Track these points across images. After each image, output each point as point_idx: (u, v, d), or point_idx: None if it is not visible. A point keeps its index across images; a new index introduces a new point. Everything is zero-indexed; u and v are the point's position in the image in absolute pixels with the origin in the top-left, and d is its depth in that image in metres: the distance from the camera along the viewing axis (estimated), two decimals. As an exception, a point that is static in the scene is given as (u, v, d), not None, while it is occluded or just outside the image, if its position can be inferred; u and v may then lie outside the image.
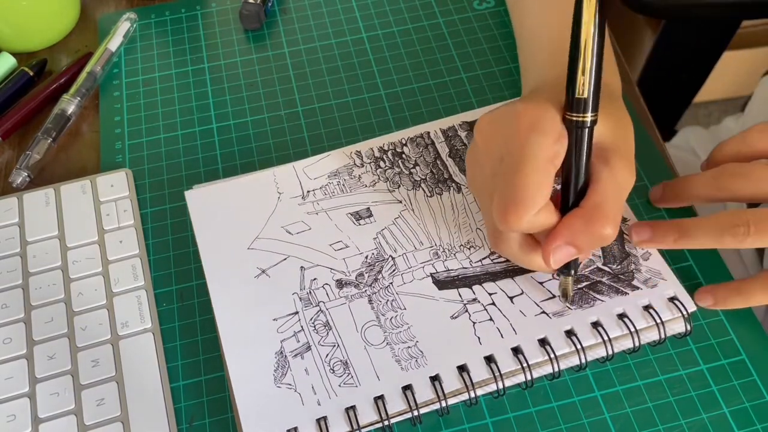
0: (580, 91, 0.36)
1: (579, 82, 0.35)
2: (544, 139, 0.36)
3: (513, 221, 0.36)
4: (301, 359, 0.41)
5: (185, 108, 0.55)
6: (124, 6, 0.63)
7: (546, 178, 0.36)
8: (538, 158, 0.36)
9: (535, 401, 0.41)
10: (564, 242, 0.37)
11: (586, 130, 0.36)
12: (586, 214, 0.37)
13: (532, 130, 0.36)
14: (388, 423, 0.39)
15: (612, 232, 0.37)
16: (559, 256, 0.38)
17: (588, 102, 0.36)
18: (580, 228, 0.37)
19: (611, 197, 0.37)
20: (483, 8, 0.61)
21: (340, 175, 0.49)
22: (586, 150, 0.37)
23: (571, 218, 0.37)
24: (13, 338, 0.43)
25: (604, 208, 0.36)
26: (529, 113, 0.37)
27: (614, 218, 0.37)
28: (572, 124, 0.36)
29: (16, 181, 0.51)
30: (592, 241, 0.37)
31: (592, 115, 0.36)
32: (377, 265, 0.44)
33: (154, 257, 0.47)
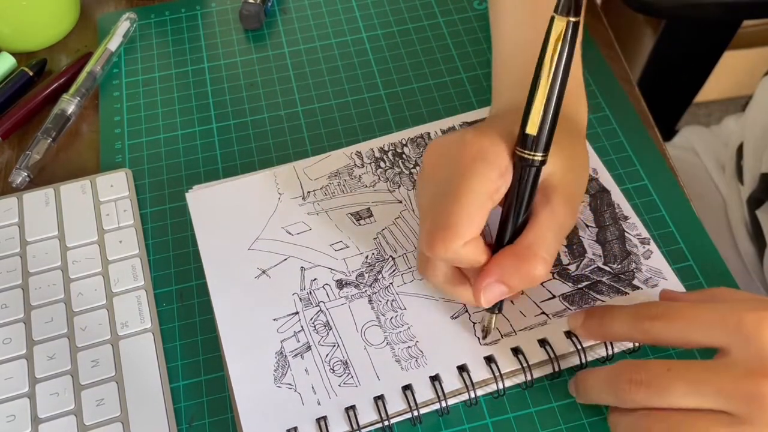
0: (531, 129, 0.34)
1: (533, 119, 0.34)
2: (488, 172, 0.35)
3: (439, 249, 0.35)
4: (301, 359, 0.41)
5: (185, 108, 0.55)
6: (124, 6, 0.63)
7: (480, 211, 0.35)
8: (477, 190, 0.35)
9: (535, 401, 0.41)
10: (495, 280, 0.36)
11: (533, 169, 0.35)
12: (518, 252, 0.36)
13: (477, 160, 0.35)
14: (388, 423, 0.39)
15: (542, 272, 0.35)
16: (490, 295, 0.36)
17: (540, 141, 0.34)
18: (510, 267, 0.36)
19: (547, 237, 0.36)
20: (483, 8, 0.61)
21: (341, 175, 0.49)
22: (530, 188, 0.36)
23: (502, 256, 0.36)
24: (13, 338, 0.43)
25: (537, 248, 0.35)
26: (477, 143, 0.36)
27: (546, 259, 0.35)
28: (520, 160, 0.35)
29: (16, 181, 0.51)
30: (522, 280, 0.36)
31: (542, 155, 0.35)
32: (377, 265, 0.44)
33: (154, 257, 0.47)
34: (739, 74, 1.29)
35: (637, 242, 0.44)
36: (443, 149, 0.38)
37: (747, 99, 0.69)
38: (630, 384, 0.35)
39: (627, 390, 0.35)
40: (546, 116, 0.34)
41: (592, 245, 0.44)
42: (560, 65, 0.33)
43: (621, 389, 0.35)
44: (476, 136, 0.36)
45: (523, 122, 0.35)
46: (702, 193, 0.68)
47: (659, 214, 0.47)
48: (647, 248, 0.44)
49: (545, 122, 0.34)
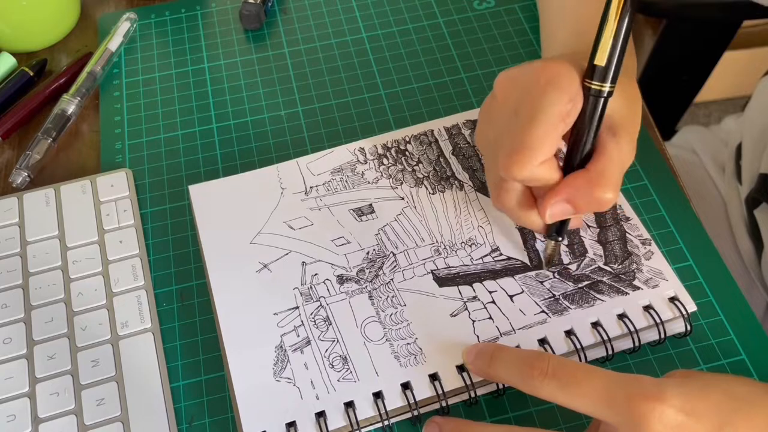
0: (601, 60, 0.36)
1: (602, 50, 0.36)
2: (560, 95, 0.37)
3: (516, 168, 0.37)
4: (301, 354, 0.41)
5: (185, 108, 0.55)
6: (124, 6, 0.63)
7: (554, 132, 0.37)
8: (551, 112, 0.36)
9: (535, 401, 0.41)
10: (564, 198, 0.38)
11: (601, 99, 0.37)
12: (590, 176, 0.38)
13: (549, 84, 0.37)
14: (388, 423, 0.39)
15: (612, 197, 0.37)
16: (556, 210, 0.39)
17: (608, 72, 0.36)
18: (582, 188, 0.38)
19: (615, 167, 0.37)
20: (483, 8, 0.61)
21: (344, 171, 0.49)
22: (597, 119, 0.37)
23: (575, 178, 0.38)
24: (13, 338, 0.43)
25: (608, 173, 0.37)
26: (549, 70, 0.37)
27: (616, 185, 0.37)
28: (589, 91, 0.37)
29: (16, 181, 0.51)
30: (591, 203, 0.38)
31: (610, 86, 0.37)
32: (378, 261, 0.44)
33: (154, 257, 0.47)
34: (738, 74, 1.29)
35: (639, 243, 0.44)
36: (515, 77, 0.39)
37: (746, 99, 0.69)
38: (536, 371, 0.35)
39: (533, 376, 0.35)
40: (615, 48, 0.36)
41: (593, 245, 0.44)
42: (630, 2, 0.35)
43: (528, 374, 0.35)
44: (548, 64, 0.38)
45: (592, 54, 0.36)
46: (702, 193, 0.68)
47: (659, 214, 0.47)
48: (648, 249, 0.44)
49: (614, 54, 0.36)
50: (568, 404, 0.34)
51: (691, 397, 0.32)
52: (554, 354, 0.39)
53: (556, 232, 0.41)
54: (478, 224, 0.46)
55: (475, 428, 0.37)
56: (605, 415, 0.33)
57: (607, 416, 0.33)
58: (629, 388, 0.32)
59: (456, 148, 0.49)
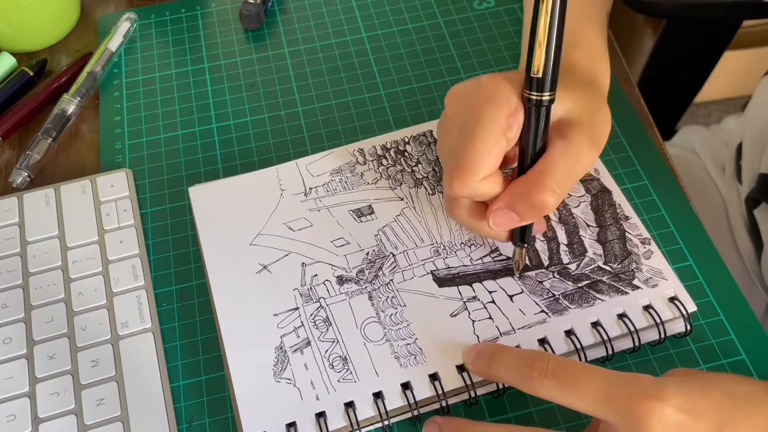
0: (536, 70, 0.36)
1: (534, 60, 0.36)
2: (498, 111, 0.37)
3: (457, 185, 0.38)
4: (301, 354, 0.41)
5: (185, 108, 0.55)
6: (124, 6, 0.63)
7: (494, 148, 0.37)
8: (489, 128, 0.37)
9: (535, 401, 0.41)
10: (504, 206, 0.38)
11: (542, 109, 0.37)
12: (528, 180, 0.38)
13: (488, 100, 0.37)
14: (388, 423, 0.39)
15: (551, 200, 0.37)
16: (499, 219, 0.39)
17: (544, 81, 0.37)
18: (519, 193, 0.38)
19: (558, 167, 0.37)
20: (483, 8, 0.61)
21: (343, 172, 0.49)
22: (541, 126, 0.38)
23: (514, 184, 0.39)
24: (13, 338, 0.43)
25: (546, 176, 0.37)
26: (488, 86, 0.38)
27: (555, 188, 0.37)
28: (530, 101, 0.37)
29: (16, 181, 0.51)
30: (530, 207, 0.38)
31: (549, 94, 0.37)
32: (378, 262, 0.44)
33: (154, 257, 0.47)
34: (738, 75, 1.29)
35: (638, 242, 0.44)
36: (461, 94, 0.40)
37: (747, 99, 0.69)
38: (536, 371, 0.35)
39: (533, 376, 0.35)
40: (549, 58, 0.36)
41: (592, 245, 0.44)
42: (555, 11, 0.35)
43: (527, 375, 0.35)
44: (489, 79, 0.38)
45: (528, 66, 0.37)
46: (702, 193, 0.68)
47: (659, 214, 0.47)
48: (648, 248, 0.44)
49: (548, 64, 0.36)
50: (568, 404, 0.34)
51: (692, 396, 0.32)
52: (554, 354, 0.39)
53: (520, 239, 0.41)
54: (478, 224, 0.46)
55: (475, 428, 0.37)
56: (605, 415, 0.33)
57: (607, 415, 0.33)
58: (629, 387, 0.32)
59: (456, 148, 0.50)
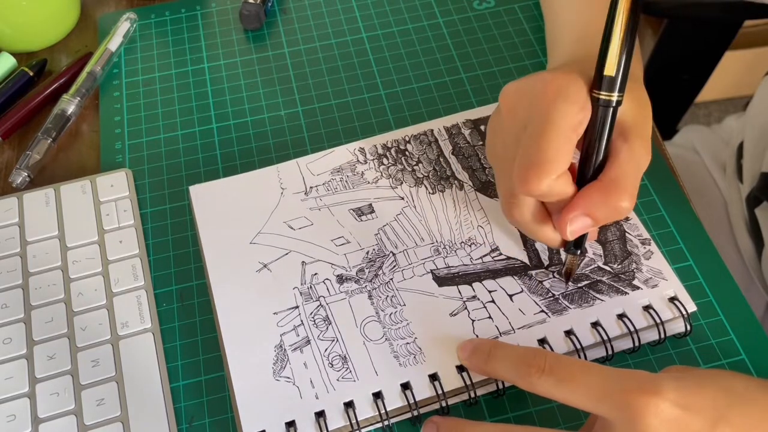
0: (610, 70, 0.36)
1: (610, 60, 0.36)
2: (570, 107, 0.36)
3: (533, 184, 0.37)
4: (300, 353, 0.41)
5: (185, 108, 0.55)
6: (124, 6, 0.63)
7: (568, 145, 0.37)
8: (562, 125, 0.36)
9: (535, 401, 0.41)
10: (582, 212, 0.38)
11: (610, 109, 0.37)
12: (604, 186, 0.37)
13: (558, 96, 0.37)
14: (388, 423, 0.39)
15: (629, 205, 0.37)
16: (576, 226, 0.38)
17: (616, 82, 0.36)
18: (598, 199, 0.37)
19: (630, 173, 0.37)
20: (483, 8, 0.61)
21: (343, 171, 0.49)
22: (608, 128, 0.37)
23: (590, 190, 0.38)
24: (13, 338, 0.43)
25: (622, 181, 0.37)
26: (557, 81, 0.37)
27: (631, 192, 0.37)
28: (598, 101, 0.37)
29: (16, 181, 0.51)
30: (608, 213, 0.37)
31: (618, 95, 0.36)
32: (378, 261, 0.44)
33: (154, 257, 0.47)
34: (738, 74, 1.29)
35: (638, 243, 0.44)
36: (522, 91, 0.39)
37: (748, 99, 0.69)
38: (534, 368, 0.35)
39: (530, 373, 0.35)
40: (622, 58, 0.36)
41: (592, 245, 0.44)
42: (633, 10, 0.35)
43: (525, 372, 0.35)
44: (555, 75, 0.38)
45: (600, 65, 0.36)
46: (702, 192, 0.68)
47: (659, 214, 0.47)
48: (648, 249, 0.44)
49: (621, 64, 0.36)
50: (565, 400, 0.34)
51: (687, 391, 0.32)
52: None
53: (575, 246, 0.41)
54: (477, 224, 0.46)
55: (473, 428, 0.37)
56: (601, 410, 0.33)
57: (603, 411, 0.33)
58: (625, 382, 0.33)
59: (456, 147, 0.49)
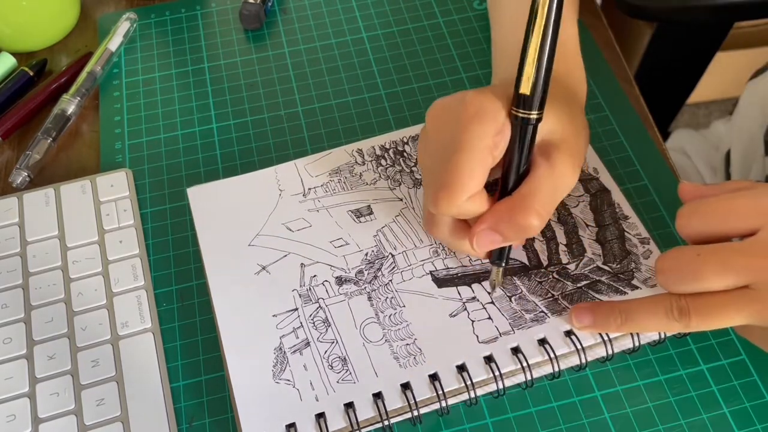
0: (525, 88, 0.36)
1: (525, 79, 0.36)
2: (485, 129, 0.36)
3: (443, 205, 0.37)
4: (300, 355, 0.41)
5: (185, 108, 0.55)
6: (124, 6, 0.63)
7: (480, 166, 0.37)
8: (476, 146, 0.36)
9: (535, 401, 0.41)
10: (488, 227, 0.38)
11: (529, 127, 0.37)
12: (512, 202, 0.37)
13: (475, 118, 0.37)
14: (388, 423, 0.39)
15: (537, 223, 0.37)
16: (483, 241, 0.38)
17: (533, 100, 0.36)
18: (504, 215, 0.37)
19: (542, 190, 0.37)
20: (483, 8, 0.61)
21: (342, 172, 0.49)
22: (527, 145, 0.37)
23: (498, 205, 0.38)
24: (13, 338, 0.43)
25: (531, 199, 0.37)
26: (475, 102, 0.37)
27: (540, 211, 0.37)
28: (516, 119, 0.37)
29: (16, 181, 0.51)
30: (515, 229, 0.37)
31: (537, 113, 0.36)
32: (377, 263, 0.44)
33: (154, 257, 0.47)
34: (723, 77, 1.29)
35: (637, 242, 0.44)
36: (444, 109, 0.39)
37: (734, 102, 0.69)
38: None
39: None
40: (538, 76, 0.36)
41: (591, 245, 0.44)
42: (548, 29, 0.35)
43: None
44: (475, 95, 0.38)
45: (517, 83, 0.36)
46: None
47: (659, 214, 0.47)
48: (647, 248, 0.44)
49: (537, 82, 0.36)
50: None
51: None
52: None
53: (498, 258, 0.41)
54: (477, 224, 0.46)
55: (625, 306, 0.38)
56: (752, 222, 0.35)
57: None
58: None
59: (456, 148, 0.49)
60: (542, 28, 0.35)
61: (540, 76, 0.36)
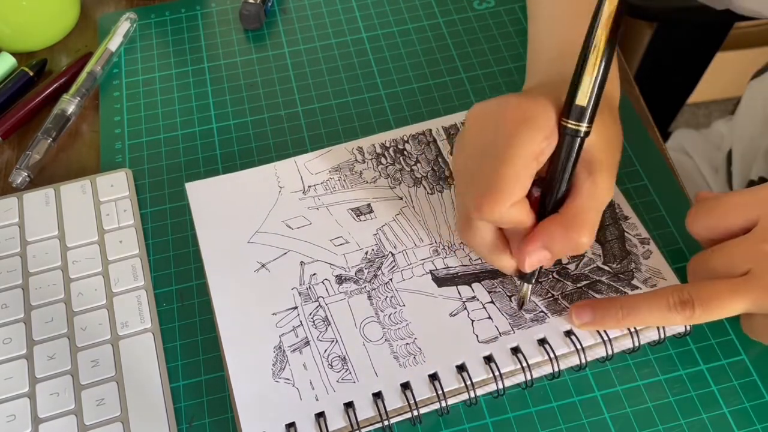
0: (581, 100, 0.35)
1: (582, 90, 0.35)
2: (534, 134, 0.36)
3: (487, 210, 0.36)
4: (300, 354, 0.41)
5: (185, 108, 0.55)
6: (124, 6, 0.63)
7: (527, 173, 0.36)
8: (524, 152, 0.36)
9: (535, 401, 0.41)
10: (541, 245, 0.37)
11: (578, 140, 0.36)
12: (565, 221, 0.37)
13: (524, 123, 0.36)
14: (388, 423, 0.39)
15: (588, 241, 0.37)
16: (534, 259, 0.38)
17: (586, 112, 0.36)
18: (558, 234, 0.37)
19: (591, 208, 0.37)
20: (483, 8, 0.61)
21: (342, 170, 0.49)
22: (573, 159, 0.37)
23: (550, 223, 0.37)
24: (13, 338, 0.43)
25: (583, 217, 0.37)
26: (524, 106, 0.37)
27: (591, 228, 0.37)
28: (566, 130, 0.36)
29: (16, 181, 0.51)
30: (567, 248, 0.37)
31: (587, 126, 0.36)
32: (377, 261, 0.44)
33: (154, 257, 0.47)
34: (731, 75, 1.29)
35: (637, 242, 0.44)
36: (488, 112, 0.39)
37: (735, 102, 0.69)
38: None
39: None
40: (594, 89, 0.35)
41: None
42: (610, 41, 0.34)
43: None
44: (523, 100, 0.37)
45: (571, 94, 0.36)
46: None
47: (659, 214, 0.47)
48: (647, 248, 0.44)
49: (593, 94, 0.35)
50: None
51: None
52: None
53: (530, 275, 0.41)
54: (477, 224, 0.46)
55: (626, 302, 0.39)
56: (752, 214, 0.37)
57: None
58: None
59: (455, 148, 0.49)
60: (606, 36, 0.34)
61: (595, 88, 0.35)
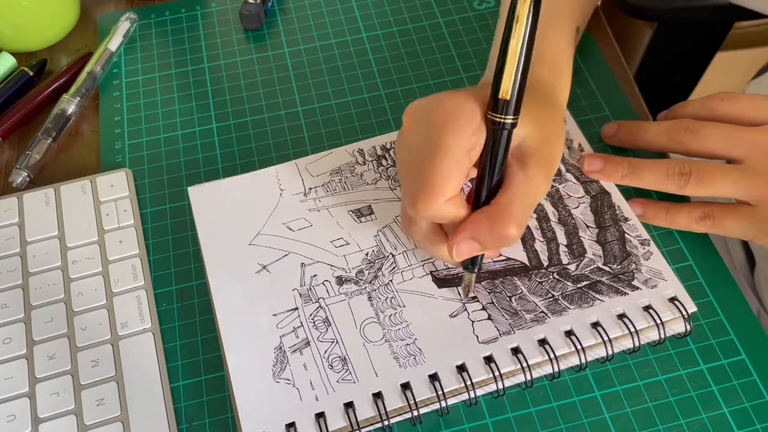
0: (503, 93, 0.36)
1: (502, 83, 0.36)
2: (462, 130, 0.36)
3: (422, 207, 0.37)
4: (300, 355, 0.41)
5: (185, 108, 0.55)
6: (124, 6, 0.63)
7: (458, 169, 0.36)
8: (454, 148, 0.36)
9: (535, 401, 0.41)
10: (468, 236, 0.38)
11: (504, 132, 0.37)
12: (491, 212, 0.37)
13: (452, 119, 0.37)
14: (388, 423, 0.39)
15: (515, 233, 0.37)
16: (462, 249, 0.38)
17: (510, 104, 0.36)
18: (484, 225, 0.37)
19: (519, 200, 0.37)
20: (483, 8, 0.61)
21: (342, 172, 0.49)
22: (502, 151, 0.37)
23: (478, 215, 0.38)
24: (13, 338, 0.43)
25: (510, 209, 0.37)
26: (452, 102, 0.37)
27: (518, 220, 0.37)
28: (492, 123, 0.37)
29: (16, 181, 0.51)
30: (494, 239, 0.38)
31: (512, 117, 0.36)
32: (377, 263, 0.44)
33: (154, 257, 0.47)
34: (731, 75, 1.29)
35: (637, 243, 0.44)
36: (420, 110, 0.39)
37: None
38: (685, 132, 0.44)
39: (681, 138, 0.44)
40: (514, 81, 0.35)
41: (592, 245, 0.44)
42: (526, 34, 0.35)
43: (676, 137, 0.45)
44: (451, 96, 0.37)
45: (495, 87, 0.36)
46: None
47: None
48: (647, 249, 0.44)
49: (515, 88, 0.36)
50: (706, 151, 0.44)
51: None
52: (555, 353, 0.39)
53: (470, 264, 0.41)
54: (477, 224, 0.46)
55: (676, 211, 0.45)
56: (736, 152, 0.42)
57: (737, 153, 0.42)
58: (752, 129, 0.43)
59: (456, 148, 0.49)
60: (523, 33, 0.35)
61: (516, 81, 0.35)
